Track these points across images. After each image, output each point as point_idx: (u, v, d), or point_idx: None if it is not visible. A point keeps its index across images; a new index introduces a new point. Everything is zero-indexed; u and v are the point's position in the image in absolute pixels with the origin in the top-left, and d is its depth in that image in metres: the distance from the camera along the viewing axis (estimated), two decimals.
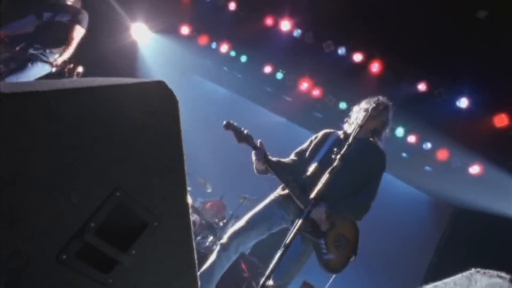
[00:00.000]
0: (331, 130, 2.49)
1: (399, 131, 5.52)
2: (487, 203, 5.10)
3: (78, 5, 3.46)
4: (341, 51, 5.27)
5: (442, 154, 5.43)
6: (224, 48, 6.19)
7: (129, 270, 0.97)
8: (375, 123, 2.32)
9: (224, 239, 2.23)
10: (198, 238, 4.70)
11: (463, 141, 5.14)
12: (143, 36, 6.33)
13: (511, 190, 4.89)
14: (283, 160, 2.40)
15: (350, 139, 1.72)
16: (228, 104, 6.90)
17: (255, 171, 2.34)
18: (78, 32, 3.27)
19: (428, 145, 5.50)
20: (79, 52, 3.38)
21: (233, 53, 6.14)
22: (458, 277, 0.81)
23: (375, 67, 5.24)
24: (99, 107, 0.85)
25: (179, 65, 6.77)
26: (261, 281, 1.47)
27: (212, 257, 2.22)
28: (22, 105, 0.76)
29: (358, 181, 2.23)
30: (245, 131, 2.29)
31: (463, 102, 5.09)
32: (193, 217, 4.77)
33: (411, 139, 5.51)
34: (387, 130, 2.42)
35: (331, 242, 2.10)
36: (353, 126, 2.28)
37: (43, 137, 0.79)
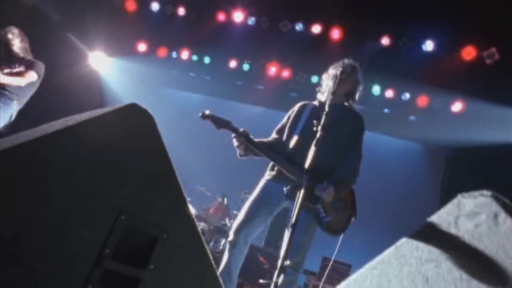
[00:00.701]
0: (306, 102, 2.57)
1: (375, 89, 5.67)
2: (477, 136, 5.29)
3: (28, 50, 3.46)
4: (299, 27, 5.36)
5: (422, 101, 5.61)
6: (185, 54, 6.22)
7: (153, 285, 1.05)
8: (346, 87, 2.39)
9: (231, 236, 2.29)
10: (211, 243, 4.78)
11: (439, 83, 5.31)
12: (102, 63, 6.32)
13: (495, 117, 5.09)
14: (265, 140, 2.45)
15: (326, 108, 1.82)
16: (204, 108, 6.93)
17: (238, 155, 2.37)
18: (30, 76, 3.30)
19: (407, 96, 5.67)
20: (42, 87, 3.45)
21: (195, 57, 6.18)
22: (447, 206, 0.91)
23: (335, 34, 5.36)
24: (82, 143, 0.92)
25: (145, 82, 6.78)
26: (279, 264, 1.57)
27: (225, 257, 2.29)
28: (10, 159, 0.83)
29: (342, 146, 2.32)
30: (223, 117, 2.33)
31: (428, 45, 5.26)
32: (201, 225, 4.86)
33: (389, 94, 5.67)
34: (360, 90, 2.51)
35: (328, 205, 2.20)
36: (325, 94, 2.35)
37: (37, 185, 0.85)
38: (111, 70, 6.42)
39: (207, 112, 2.38)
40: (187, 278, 1.13)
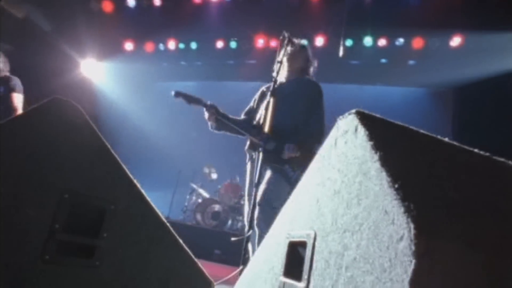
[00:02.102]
0: (268, 85, 2.69)
1: (367, 41, 5.59)
2: (480, 69, 5.15)
3: (6, 70, 3.65)
4: None
5: (418, 43, 5.50)
6: (171, 44, 6.34)
7: (108, 250, 1.22)
8: (299, 62, 2.57)
9: (247, 224, 2.43)
10: (229, 223, 5.00)
11: (430, 20, 5.17)
12: (94, 70, 6.55)
13: (495, 47, 4.93)
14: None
15: (274, 74, 1.94)
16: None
17: (210, 127, 2.59)
18: (18, 99, 3.49)
19: (401, 41, 5.57)
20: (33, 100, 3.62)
21: (182, 45, 6.29)
22: (331, 131, 0.99)
23: None
24: (14, 137, 1.08)
25: (140, 81, 6.98)
26: (248, 223, 1.72)
27: (251, 243, 2.35)
28: None
29: (301, 112, 2.43)
30: (193, 95, 2.52)
31: None
32: (216, 208, 5.08)
33: (382, 42, 5.58)
34: (314, 66, 2.61)
35: (294, 163, 2.32)
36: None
37: None
38: (103, 76, 6.64)
39: (178, 90, 2.55)
40: (143, 241, 1.29)
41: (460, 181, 0.75)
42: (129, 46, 6.48)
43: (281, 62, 2.11)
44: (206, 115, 2.49)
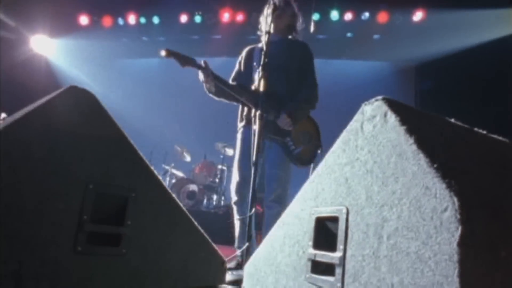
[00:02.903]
0: (252, 45, 2.69)
1: (334, 15, 5.72)
2: (441, 45, 5.49)
3: None
4: None
5: (382, 17, 5.72)
6: (132, 19, 6.07)
7: (134, 237, 1.27)
8: (285, 20, 2.54)
9: (234, 197, 2.44)
10: (204, 201, 5.09)
11: None
12: (46, 46, 6.13)
13: (456, 24, 5.25)
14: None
15: (264, 47, 1.97)
16: (167, 71, 6.92)
17: (207, 91, 2.47)
18: None
19: (366, 15, 5.76)
20: None
21: (143, 20, 6.05)
22: (355, 115, 1.10)
23: None
24: (34, 132, 1.07)
25: (98, 58, 6.64)
26: (250, 200, 1.81)
27: (236, 216, 2.42)
28: None
29: (295, 77, 2.47)
30: (186, 55, 2.33)
31: None
32: (191, 187, 5.13)
33: (348, 16, 5.74)
34: (300, 21, 2.63)
35: (296, 138, 2.41)
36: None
37: (6, 175, 1.02)
38: (58, 52, 6.24)
39: (168, 49, 2.32)
40: (163, 226, 1.35)
41: (480, 158, 0.89)
42: (84, 20, 6.11)
43: (269, 33, 2.08)
44: (202, 77, 2.34)
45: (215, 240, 1.57)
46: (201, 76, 2.35)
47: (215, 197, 5.14)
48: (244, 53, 2.68)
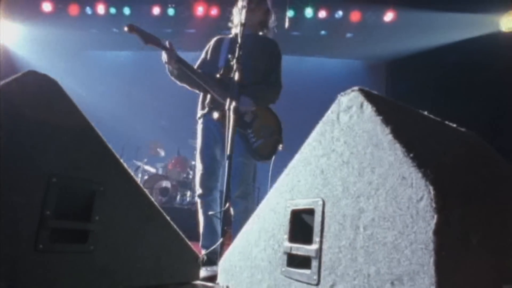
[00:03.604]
0: (222, 36, 2.64)
1: (308, 12, 5.76)
2: (411, 44, 5.66)
3: None
4: None
5: (355, 16, 5.81)
6: (100, 9, 5.85)
7: (102, 233, 1.20)
8: (258, 16, 2.50)
9: (198, 190, 2.39)
10: (178, 198, 5.00)
11: None
12: (6, 32, 5.78)
13: (426, 21, 5.42)
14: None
15: (239, 39, 1.94)
16: (137, 64, 6.74)
17: (169, 74, 2.42)
18: None
19: (340, 13, 5.84)
20: None
21: (113, 10, 5.85)
22: (332, 106, 1.09)
23: None
24: None
25: (64, 48, 6.35)
26: (224, 195, 1.77)
27: (200, 211, 2.37)
28: None
29: (260, 73, 2.44)
30: (151, 33, 2.27)
31: None
32: (163, 183, 5.03)
33: (322, 14, 5.79)
34: (272, 19, 2.62)
35: (257, 131, 2.36)
36: (238, 27, 2.44)
37: None
38: (19, 40, 5.91)
39: (133, 24, 2.26)
40: (133, 221, 1.29)
41: (452, 149, 0.90)
42: (47, 6, 5.81)
43: (244, 25, 2.04)
44: (165, 57, 2.27)
45: (189, 237, 1.54)
46: (164, 57, 2.29)
47: (188, 193, 5.07)
48: (212, 42, 2.62)
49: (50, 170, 1.09)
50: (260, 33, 2.60)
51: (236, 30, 2.51)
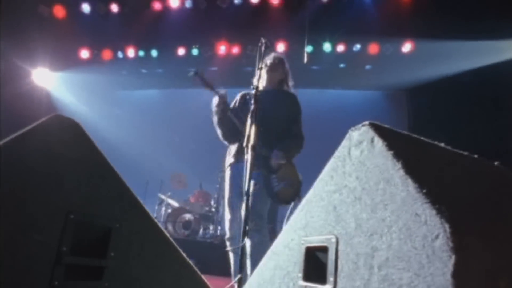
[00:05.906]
0: (247, 91, 2.74)
1: (326, 47, 5.84)
2: (430, 72, 5.59)
3: None
4: (237, 0, 5.41)
5: (373, 48, 5.84)
6: (130, 52, 6.18)
7: (117, 270, 1.19)
8: (278, 75, 2.68)
9: (227, 234, 2.46)
10: (200, 231, 4.96)
11: (386, 28, 5.51)
12: (47, 79, 6.18)
13: (444, 50, 5.38)
14: None
15: (255, 81, 2.00)
16: (164, 102, 6.98)
17: (215, 120, 2.55)
18: None
19: (358, 46, 5.88)
20: None
21: (141, 53, 6.15)
22: (343, 142, 1.07)
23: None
24: (13, 159, 1.03)
25: (97, 90, 6.70)
26: (241, 229, 1.74)
27: (231, 254, 2.41)
28: None
29: (281, 126, 2.54)
30: (209, 79, 2.51)
31: None
32: (186, 217, 5.01)
33: (340, 48, 5.86)
34: (291, 81, 2.73)
35: (280, 178, 2.42)
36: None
37: None
38: (59, 85, 6.29)
39: (196, 70, 2.49)
40: (148, 258, 1.27)
41: (471, 183, 0.85)
42: (85, 54, 6.20)
43: (261, 69, 2.16)
44: (215, 101, 2.48)
45: (211, 270, 1.50)
46: (216, 100, 2.49)
47: (211, 226, 5.02)
48: (238, 98, 2.77)
49: (68, 206, 1.11)
50: (282, 89, 2.71)
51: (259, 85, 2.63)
